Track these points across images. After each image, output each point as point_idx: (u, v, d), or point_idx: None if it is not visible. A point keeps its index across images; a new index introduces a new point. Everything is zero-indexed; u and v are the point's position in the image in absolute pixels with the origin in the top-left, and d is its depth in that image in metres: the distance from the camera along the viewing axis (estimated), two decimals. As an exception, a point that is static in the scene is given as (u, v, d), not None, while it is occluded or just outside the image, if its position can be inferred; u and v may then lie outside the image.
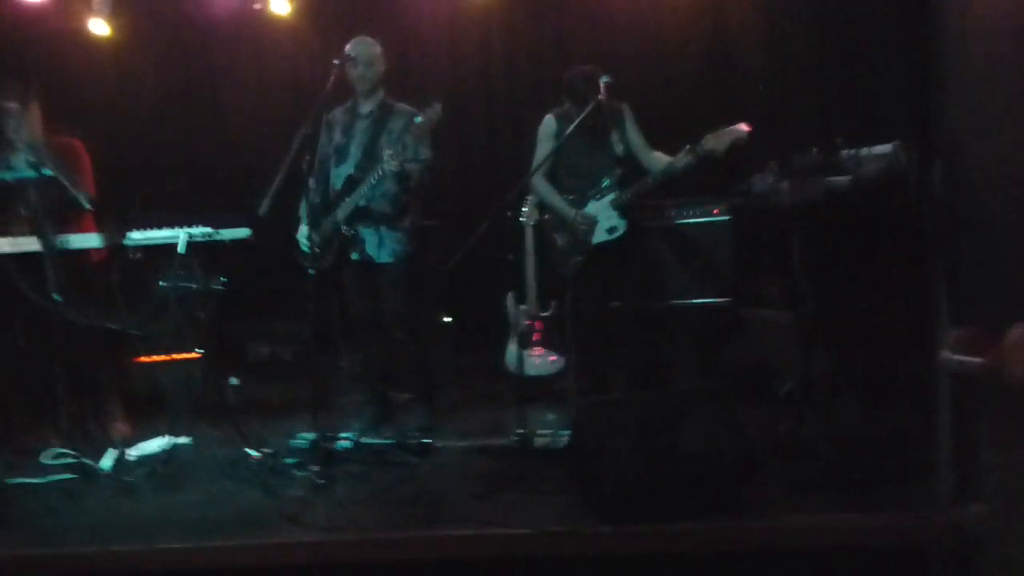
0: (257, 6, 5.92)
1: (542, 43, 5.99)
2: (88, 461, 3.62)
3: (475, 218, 3.67)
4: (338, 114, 4.14)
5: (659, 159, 4.02)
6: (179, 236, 3.93)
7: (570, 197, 4.11)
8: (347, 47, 3.98)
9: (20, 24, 5.95)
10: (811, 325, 3.41)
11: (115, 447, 3.76)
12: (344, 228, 3.94)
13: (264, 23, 6.05)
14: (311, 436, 3.67)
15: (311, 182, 3.88)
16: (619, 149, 4.08)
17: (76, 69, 6.14)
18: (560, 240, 4.19)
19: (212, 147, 6.20)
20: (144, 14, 6.07)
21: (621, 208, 4.03)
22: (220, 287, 4.07)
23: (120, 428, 4.25)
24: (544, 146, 4.11)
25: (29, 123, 4.27)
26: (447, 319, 5.20)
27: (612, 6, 5.89)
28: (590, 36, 5.90)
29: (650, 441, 2.86)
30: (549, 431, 3.65)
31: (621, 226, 4.04)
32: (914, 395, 3.23)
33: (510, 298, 4.69)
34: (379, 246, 3.98)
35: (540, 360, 4.61)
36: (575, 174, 4.12)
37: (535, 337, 4.64)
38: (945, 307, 2.74)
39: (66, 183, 3.92)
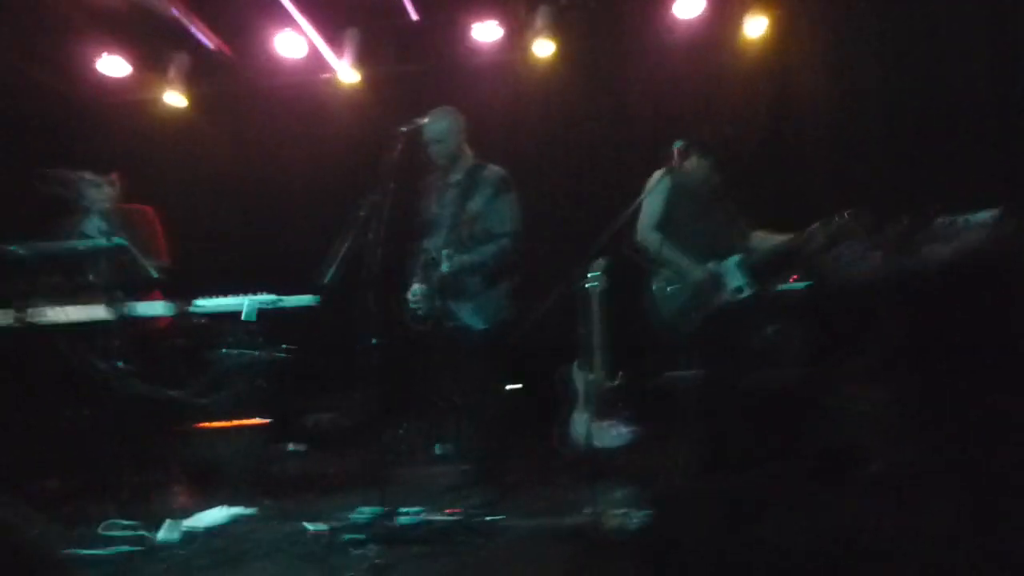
0: (326, 75, 6.04)
1: (604, 109, 5.95)
2: (147, 533, 3.53)
3: (541, 288, 3.57)
4: (433, 181, 4.21)
5: (761, 238, 3.95)
6: (244, 304, 3.89)
7: (686, 254, 3.94)
8: (423, 120, 3.99)
9: (99, 96, 6.18)
10: (905, 409, 3.14)
11: (174, 518, 3.67)
12: (436, 301, 3.98)
13: (332, 93, 6.15)
14: (372, 511, 3.51)
15: (424, 243, 4.11)
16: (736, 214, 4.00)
17: (151, 140, 6.33)
18: (674, 299, 3.98)
19: (280, 215, 6.29)
20: (217, 85, 6.24)
21: (750, 269, 3.85)
22: (283, 355, 4.02)
23: (181, 498, 4.17)
24: (655, 200, 3.93)
25: (103, 191, 4.36)
26: (512, 387, 5.03)
27: (672, 64, 5.83)
28: (652, 100, 5.84)
29: (735, 533, 2.63)
30: (621, 511, 3.42)
31: (747, 287, 3.84)
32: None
33: (576, 367, 4.52)
34: (474, 313, 3.97)
35: (609, 432, 4.41)
36: (696, 232, 3.93)
37: (603, 407, 4.45)
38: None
39: (135, 251, 3.93)
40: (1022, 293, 2.99)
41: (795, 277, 4.42)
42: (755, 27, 5.44)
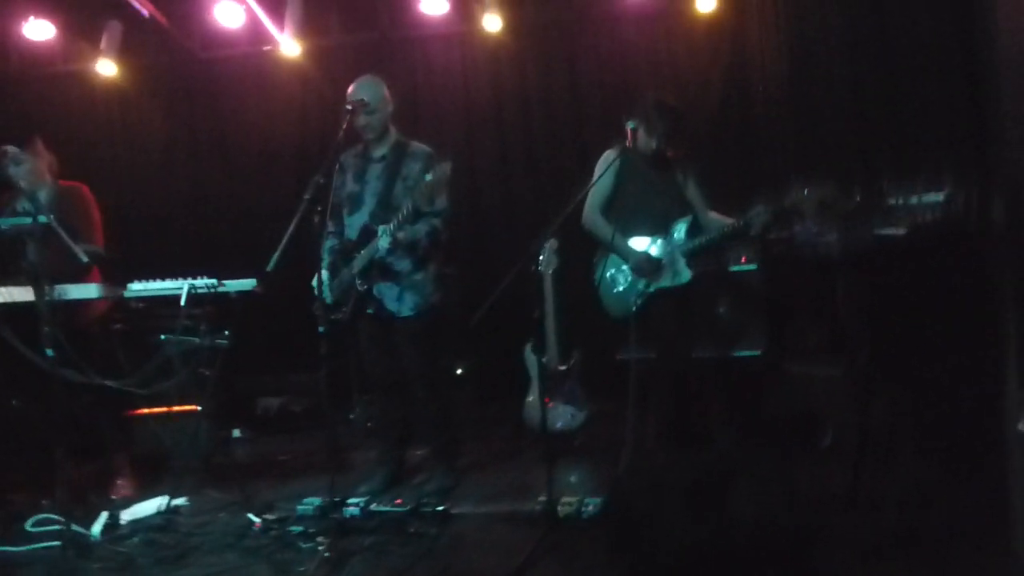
0: (267, 48, 5.81)
1: (555, 85, 5.84)
2: (77, 527, 3.34)
3: (492, 267, 3.48)
4: (349, 158, 3.91)
5: (716, 219, 3.83)
6: (182, 288, 3.72)
7: (631, 236, 3.84)
8: (349, 90, 3.79)
9: (27, 65, 5.86)
10: (865, 377, 3.16)
11: (109, 510, 3.50)
12: (358, 283, 3.73)
13: (273, 65, 5.92)
14: (318, 502, 3.41)
15: (329, 225, 3.77)
16: (688, 194, 3.87)
17: (83, 112, 6.03)
18: (616, 283, 3.90)
19: (219, 195, 6.05)
20: (151, 55, 5.96)
21: (690, 255, 3.77)
22: (224, 342, 3.85)
23: (120, 489, 4.01)
24: (603, 181, 3.79)
25: (27, 166, 4.10)
26: (460, 371, 4.97)
27: (623, 39, 5.74)
28: (603, 75, 5.75)
29: (702, 507, 2.59)
30: (574, 499, 3.37)
31: (686, 273, 3.77)
32: (981, 451, 2.97)
33: (529, 349, 4.46)
34: (399, 300, 3.76)
35: (563, 414, 4.37)
36: (641, 213, 3.82)
37: (557, 390, 4.41)
38: (1015, 370, 2.48)
39: (62, 234, 3.68)
40: (970, 270, 3.02)
41: (744, 258, 4.42)
42: (706, 2, 5.39)
